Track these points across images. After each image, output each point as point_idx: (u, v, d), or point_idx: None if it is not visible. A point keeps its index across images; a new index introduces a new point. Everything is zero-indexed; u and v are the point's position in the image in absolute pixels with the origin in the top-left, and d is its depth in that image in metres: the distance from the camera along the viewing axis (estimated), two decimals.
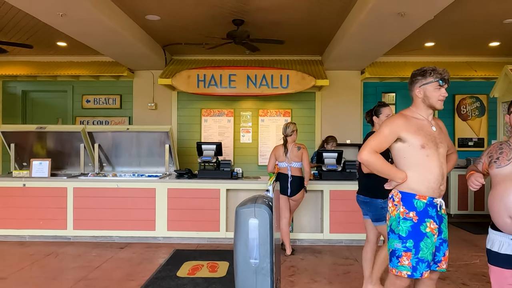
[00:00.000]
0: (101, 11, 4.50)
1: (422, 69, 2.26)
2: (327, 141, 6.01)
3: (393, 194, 2.27)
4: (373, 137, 2.24)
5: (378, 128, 2.30)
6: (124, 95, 7.74)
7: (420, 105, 2.27)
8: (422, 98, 2.24)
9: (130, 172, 5.88)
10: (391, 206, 2.26)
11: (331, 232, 5.14)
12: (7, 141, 5.72)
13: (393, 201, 2.25)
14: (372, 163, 2.19)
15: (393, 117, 2.28)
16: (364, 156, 2.18)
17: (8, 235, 5.22)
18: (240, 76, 6.70)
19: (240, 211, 1.71)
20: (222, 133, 7.56)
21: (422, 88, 2.23)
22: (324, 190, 5.16)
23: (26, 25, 5.68)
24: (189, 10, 5.12)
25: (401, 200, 2.21)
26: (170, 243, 5.16)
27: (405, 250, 2.16)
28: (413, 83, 2.28)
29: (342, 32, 5.64)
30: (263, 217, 1.63)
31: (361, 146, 2.26)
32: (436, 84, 2.20)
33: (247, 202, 1.78)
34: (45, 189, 5.21)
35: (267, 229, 1.63)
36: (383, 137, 2.21)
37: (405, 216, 2.18)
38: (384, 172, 2.23)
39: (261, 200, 1.76)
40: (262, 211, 1.63)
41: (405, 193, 2.21)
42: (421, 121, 2.24)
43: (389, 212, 2.27)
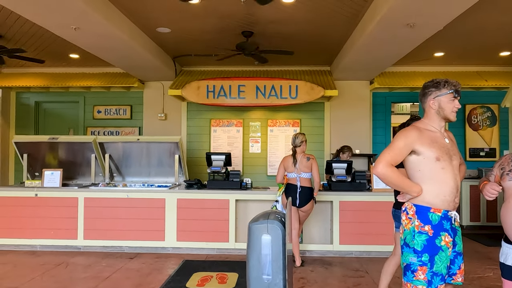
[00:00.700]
0: (113, 24, 4.59)
1: (435, 80, 2.25)
2: (343, 151, 5.98)
3: (406, 207, 2.24)
4: (387, 150, 2.20)
5: (392, 141, 2.26)
6: (134, 106, 7.84)
7: (433, 117, 2.25)
8: (437, 109, 2.23)
9: (140, 182, 5.92)
10: (405, 219, 2.23)
11: (341, 243, 5.10)
12: (20, 151, 5.82)
13: (407, 214, 2.22)
14: (389, 176, 2.14)
15: (406, 129, 2.23)
16: (380, 170, 2.13)
17: (19, 245, 5.27)
18: (249, 87, 6.75)
19: (253, 227, 1.70)
20: (231, 143, 7.59)
21: (436, 99, 2.22)
22: (334, 201, 5.13)
23: (40, 37, 5.81)
24: (199, 23, 5.19)
25: (416, 213, 2.17)
26: (179, 253, 5.16)
27: (421, 264, 2.12)
28: (426, 95, 2.26)
29: (351, 43, 5.66)
30: (276, 233, 1.62)
31: (376, 160, 2.20)
32: (450, 95, 2.19)
33: (259, 218, 1.77)
34: (57, 199, 5.26)
35: (280, 245, 1.62)
36: (398, 150, 2.17)
37: (420, 229, 2.15)
38: (400, 186, 2.18)
39: (273, 215, 1.75)
40: (275, 227, 1.62)
41: (420, 206, 2.17)
42: (434, 133, 2.22)
43: (403, 225, 2.23)
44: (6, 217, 5.26)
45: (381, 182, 5.18)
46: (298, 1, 4.44)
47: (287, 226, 1.71)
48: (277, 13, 4.80)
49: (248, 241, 1.69)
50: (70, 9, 4.01)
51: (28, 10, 4.06)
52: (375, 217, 5.05)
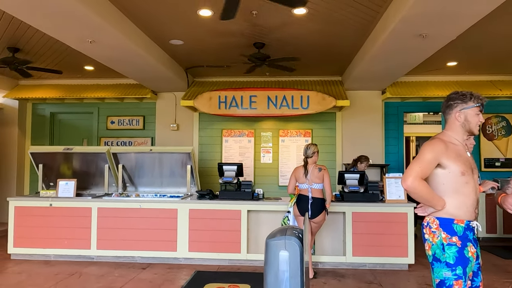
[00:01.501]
0: (128, 37, 4.68)
1: (461, 93, 2.23)
2: (360, 160, 5.94)
3: (428, 222, 2.19)
4: (416, 163, 2.14)
5: (418, 153, 2.20)
6: (147, 116, 7.93)
7: (458, 130, 2.23)
8: (462, 122, 2.21)
9: (152, 192, 5.96)
10: (429, 234, 2.17)
11: (354, 255, 5.04)
12: (35, 161, 5.92)
13: (429, 228, 2.17)
14: (419, 190, 2.09)
15: (433, 142, 2.19)
16: (411, 183, 2.07)
17: (34, 254, 5.33)
18: (261, 97, 6.78)
19: (270, 243, 1.70)
20: (242, 154, 7.61)
21: (462, 112, 2.21)
22: (346, 212, 5.09)
23: (56, 50, 5.95)
24: (211, 35, 5.26)
25: (440, 226, 2.14)
26: (191, 264, 5.16)
27: (456, 278, 2.06)
28: (452, 107, 2.23)
29: (362, 53, 5.67)
30: (294, 250, 1.61)
31: (405, 173, 2.14)
32: (477, 109, 2.19)
33: (276, 234, 1.77)
34: (71, 209, 5.33)
35: (297, 262, 1.61)
36: (427, 162, 2.12)
37: (448, 241, 2.10)
38: (428, 200, 2.13)
39: (290, 231, 1.74)
40: (292, 244, 1.62)
41: (443, 218, 2.14)
42: (458, 146, 2.20)
43: (429, 240, 2.17)
44: (21, 227, 5.34)
45: (394, 193, 5.13)
46: (310, 13, 4.47)
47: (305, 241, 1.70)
48: (289, 24, 4.84)
49: (266, 257, 1.68)
50: (87, 24, 4.11)
51: (46, 24, 4.17)
52: (388, 228, 4.99)
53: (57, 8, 3.72)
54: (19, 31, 5.08)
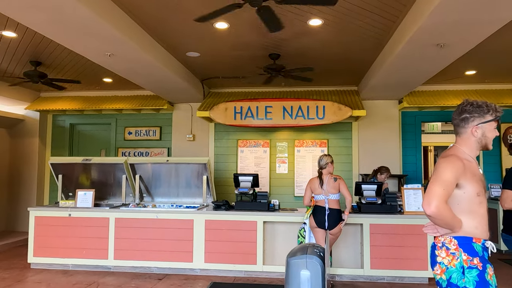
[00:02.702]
0: (145, 50, 4.77)
1: (476, 104, 2.05)
2: (381, 171, 5.85)
3: (444, 242, 2.01)
4: (438, 184, 1.92)
5: (436, 172, 1.99)
6: (163, 127, 8.02)
7: (473, 145, 2.06)
8: (479, 138, 2.04)
9: (169, 203, 6.00)
10: (446, 255, 1.98)
11: (372, 267, 4.94)
12: (55, 172, 6.04)
13: (447, 249, 1.99)
14: (445, 216, 1.89)
15: (452, 160, 1.99)
16: (435, 209, 1.87)
17: (53, 264, 5.41)
18: (276, 108, 6.79)
19: (291, 261, 1.65)
20: (258, 164, 7.60)
21: (480, 127, 2.03)
22: (364, 224, 5.01)
23: (76, 63, 6.10)
24: (227, 47, 5.31)
25: (460, 246, 1.96)
26: (207, 275, 5.14)
27: None
28: (468, 121, 2.05)
29: (379, 63, 5.63)
30: (315, 269, 1.58)
31: (426, 196, 1.92)
32: (495, 123, 2.03)
33: (297, 252, 1.73)
34: (89, 219, 5.40)
35: (319, 282, 1.58)
36: (449, 184, 1.92)
37: (469, 264, 1.92)
38: (450, 224, 1.94)
39: (311, 250, 1.71)
40: (314, 263, 1.58)
41: (462, 237, 1.96)
42: (472, 164, 2.04)
43: (445, 263, 1.98)
44: (41, 236, 5.43)
45: (413, 205, 5.03)
46: (325, 24, 4.48)
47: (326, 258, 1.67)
48: (304, 35, 4.86)
49: (286, 275, 1.66)
50: (107, 38, 4.21)
51: (67, 39, 4.29)
52: (408, 240, 4.89)
53: (78, 24, 3.82)
54: (41, 45, 5.23)
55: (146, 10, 4.16)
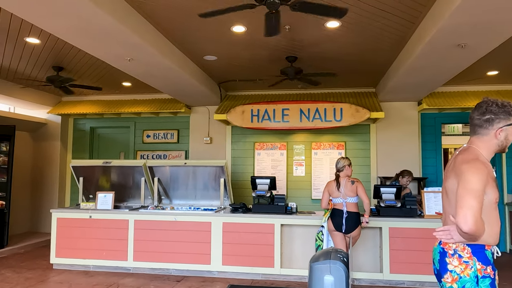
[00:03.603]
0: (164, 54, 4.83)
1: (501, 103, 1.92)
2: (402, 175, 5.77)
3: (456, 250, 1.90)
4: (471, 198, 1.76)
5: (464, 180, 1.83)
6: (181, 130, 8.10)
7: (493, 148, 1.95)
8: (501, 140, 1.93)
9: (186, 205, 6.05)
10: (459, 264, 1.88)
11: (391, 272, 4.87)
12: (76, 175, 6.17)
13: (459, 257, 1.89)
14: (481, 231, 1.77)
15: (479, 166, 1.85)
16: (474, 227, 1.72)
17: (74, 264, 5.52)
18: (293, 110, 6.77)
19: (314, 266, 1.64)
20: (275, 167, 7.59)
21: (504, 129, 1.91)
22: (383, 227, 4.94)
23: (96, 68, 6.23)
24: (244, 50, 5.34)
25: (473, 254, 1.88)
26: (224, 277, 5.16)
27: None
28: (493, 122, 1.91)
29: (397, 64, 5.56)
30: (339, 274, 1.56)
31: (461, 211, 1.76)
32: None
33: (320, 257, 1.71)
34: (109, 221, 5.49)
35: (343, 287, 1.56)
36: (481, 194, 1.78)
37: (483, 273, 1.85)
38: (480, 237, 1.82)
39: (335, 255, 1.69)
40: (337, 268, 1.56)
41: (476, 245, 1.88)
42: (490, 167, 1.92)
43: (457, 272, 1.88)
44: (63, 238, 5.55)
45: (433, 208, 4.95)
46: (343, 26, 4.45)
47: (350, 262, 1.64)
48: (322, 37, 4.84)
49: (310, 281, 1.65)
50: (126, 43, 4.28)
51: (88, 44, 4.39)
52: (428, 245, 4.79)
53: (100, 30, 3.91)
54: (63, 51, 5.36)
55: (164, 15, 4.22)
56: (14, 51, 5.36)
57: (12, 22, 4.37)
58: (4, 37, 4.83)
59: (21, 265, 5.77)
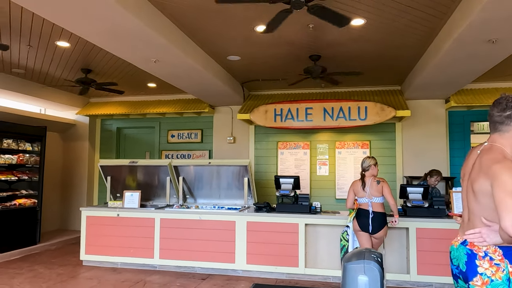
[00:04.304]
0: (188, 55, 4.90)
1: None
2: (431, 174, 5.66)
3: (486, 252, 1.85)
4: (511, 200, 1.71)
5: (502, 182, 1.77)
6: (205, 130, 8.19)
7: None
8: None
9: (211, 204, 6.11)
10: (490, 266, 1.82)
11: (419, 273, 4.78)
12: (104, 174, 6.33)
13: (490, 259, 1.83)
14: None
15: (510, 165, 1.81)
16: None
17: (103, 261, 5.67)
18: (317, 109, 6.73)
19: (348, 266, 1.62)
20: (298, 166, 7.57)
21: None
22: (410, 228, 4.85)
23: (123, 70, 6.37)
24: (268, 50, 5.34)
25: (505, 256, 1.82)
26: (249, 276, 5.18)
27: None
28: None
29: (424, 62, 5.44)
30: (374, 275, 1.55)
31: (503, 216, 1.70)
32: None
33: (352, 257, 1.69)
34: (136, 219, 5.61)
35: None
36: None
37: None
38: None
39: (369, 255, 1.68)
40: (372, 268, 1.55)
41: (508, 247, 1.81)
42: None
43: (488, 275, 1.82)
44: (92, 235, 5.71)
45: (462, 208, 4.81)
46: (368, 23, 4.39)
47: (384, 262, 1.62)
48: (346, 35, 4.79)
49: (343, 281, 1.64)
50: (153, 45, 4.37)
51: (116, 47, 4.49)
52: None
53: (127, 33, 4.00)
54: (91, 53, 5.51)
55: (188, 16, 4.28)
56: (46, 54, 5.55)
57: (44, 27, 4.53)
58: (36, 41, 5.02)
59: (52, 261, 5.97)
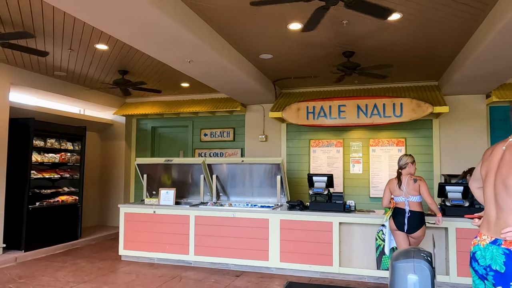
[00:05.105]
0: (221, 55, 4.95)
1: None
2: (471, 173, 5.47)
3: None
4: None
5: None
6: (237, 128, 8.26)
7: None
8: None
9: (243, 202, 6.16)
10: None
11: (459, 275, 4.62)
12: (141, 172, 6.52)
13: None
14: None
15: None
16: None
17: (140, 257, 5.85)
18: (350, 107, 6.63)
19: (397, 265, 1.60)
20: (331, 164, 7.49)
21: None
22: (449, 228, 4.70)
23: (158, 71, 6.53)
24: (301, 47, 5.31)
25: None
26: (282, 274, 5.19)
27: None
28: None
29: (463, 56, 5.23)
30: (424, 274, 1.52)
31: None
32: None
33: (400, 256, 1.66)
34: (171, 216, 5.75)
35: (428, 287, 1.52)
36: None
37: None
38: None
39: (418, 254, 1.65)
40: (422, 267, 1.52)
41: None
42: None
43: None
44: (130, 231, 5.91)
45: None
46: (404, 17, 4.28)
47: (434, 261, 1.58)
48: (381, 30, 4.68)
49: (391, 279, 1.62)
50: (188, 45, 4.45)
51: (152, 48, 4.61)
52: None
53: (163, 34, 4.10)
54: (128, 55, 5.69)
55: (222, 16, 4.32)
56: (85, 57, 5.78)
57: (85, 31, 4.72)
58: (77, 45, 5.23)
59: (93, 255, 6.23)
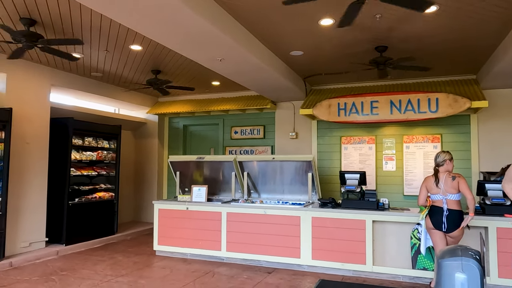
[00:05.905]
0: (252, 53, 4.97)
1: None
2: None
3: None
4: None
5: None
6: (267, 126, 8.27)
7: None
8: None
9: (274, 199, 6.17)
10: None
11: (500, 276, 4.44)
12: (173, 169, 6.66)
13: None
14: None
15: None
16: None
17: (174, 252, 5.99)
18: (383, 102, 6.48)
19: (443, 263, 1.57)
20: (363, 161, 7.36)
21: None
22: (489, 227, 4.52)
23: (189, 70, 6.64)
24: (332, 43, 5.25)
25: None
26: (314, 272, 5.17)
27: None
28: None
29: (504, 47, 5.00)
30: (473, 272, 1.48)
31: None
32: None
33: (446, 254, 1.63)
34: (203, 212, 5.84)
35: (477, 286, 1.48)
36: None
37: None
38: None
39: (466, 252, 1.61)
40: (470, 266, 1.49)
41: None
42: None
43: None
44: (164, 227, 6.06)
45: None
46: (441, 10, 4.14)
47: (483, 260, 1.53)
48: (415, 24, 4.55)
49: (438, 278, 1.59)
50: (220, 44, 4.51)
51: (185, 47, 4.70)
52: None
53: (196, 34, 4.16)
54: (161, 55, 5.81)
55: (253, 14, 4.34)
56: (120, 58, 5.96)
57: (120, 32, 4.87)
58: (113, 46, 5.40)
59: (129, 250, 6.43)
